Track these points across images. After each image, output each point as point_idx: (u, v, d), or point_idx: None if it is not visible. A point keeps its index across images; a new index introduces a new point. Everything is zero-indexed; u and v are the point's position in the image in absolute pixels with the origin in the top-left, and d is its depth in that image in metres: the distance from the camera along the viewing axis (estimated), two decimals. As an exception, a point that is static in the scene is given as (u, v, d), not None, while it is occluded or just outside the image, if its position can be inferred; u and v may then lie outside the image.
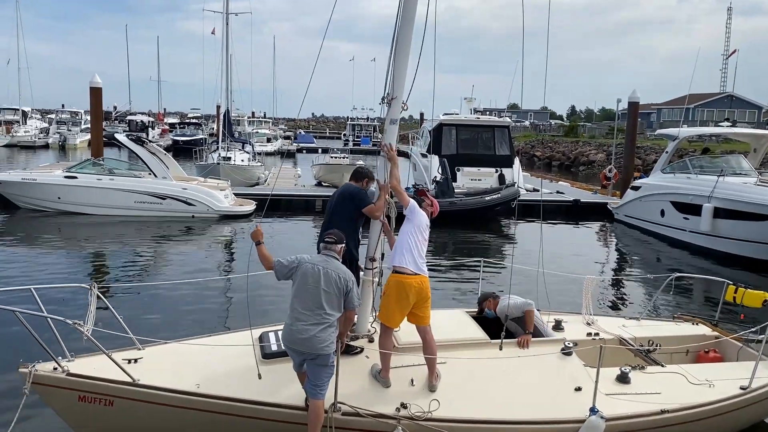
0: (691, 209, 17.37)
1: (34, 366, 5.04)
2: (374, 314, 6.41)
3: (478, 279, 8.92)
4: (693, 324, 7.90)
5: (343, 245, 5.55)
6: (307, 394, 5.23)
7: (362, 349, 6.06)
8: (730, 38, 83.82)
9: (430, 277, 6.06)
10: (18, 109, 57.74)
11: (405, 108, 6.13)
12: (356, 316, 5.87)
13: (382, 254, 6.34)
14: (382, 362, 5.76)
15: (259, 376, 5.49)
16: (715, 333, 7.58)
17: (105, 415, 5.23)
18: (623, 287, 13.64)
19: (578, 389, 5.82)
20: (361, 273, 6.24)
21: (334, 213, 6.25)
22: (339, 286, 5.20)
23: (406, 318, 5.88)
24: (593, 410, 5.42)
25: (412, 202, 6.01)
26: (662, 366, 6.55)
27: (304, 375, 5.33)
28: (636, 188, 20.91)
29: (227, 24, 31.07)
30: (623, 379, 6.08)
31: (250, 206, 20.84)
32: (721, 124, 22.64)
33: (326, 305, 5.14)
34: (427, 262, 6.03)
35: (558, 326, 7.08)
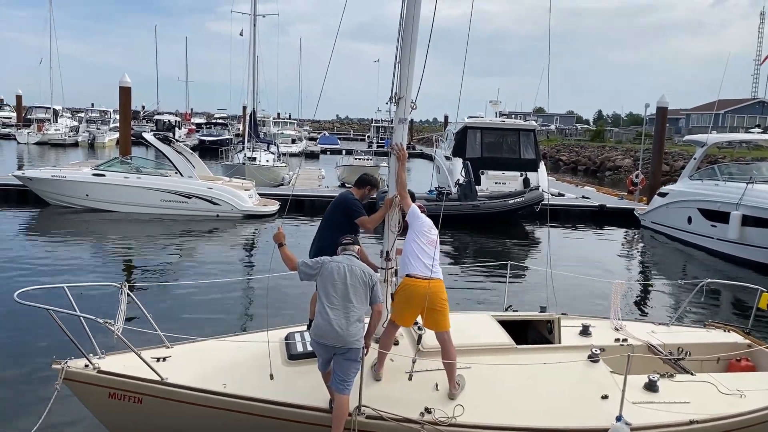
0: (719, 216, 17.11)
1: (66, 363, 5.14)
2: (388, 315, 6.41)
3: (504, 282, 8.86)
4: (725, 332, 7.73)
5: (359, 246, 5.71)
6: (334, 390, 5.27)
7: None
8: (762, 43, 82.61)
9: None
10: (49, 108, 58.64)
11: (414, 107, 6.10)
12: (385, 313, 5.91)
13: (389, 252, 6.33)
14: (379, 356, 5.78)
15: (271, 377, 5.50)
16: (748, 341, 7.42)
17: (134, 411, 5.30)
18: (652, 293, 13.46)
19: (605, 397, 5.75)
20: (378, 274, 6.28)
21: (327, 221, 6.34)
22: (364, 280, 5.36)
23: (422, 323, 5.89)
24: (619, 419, 5.36)
25: (413, 206, 6.02)
26: (692, 374, 6.42)
27: (329, 375, 5.37)
28: (663, 194, 20.67)
29: (254, 25, 31.28)
30: (651, 387, 5.98)
31: (274, 206, 20.98)
32: (751, 130, 22.26)
33: (354, 299, 5.26)
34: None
35: (585, 331, 6.98)
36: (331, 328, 5.15)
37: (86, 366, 5.21)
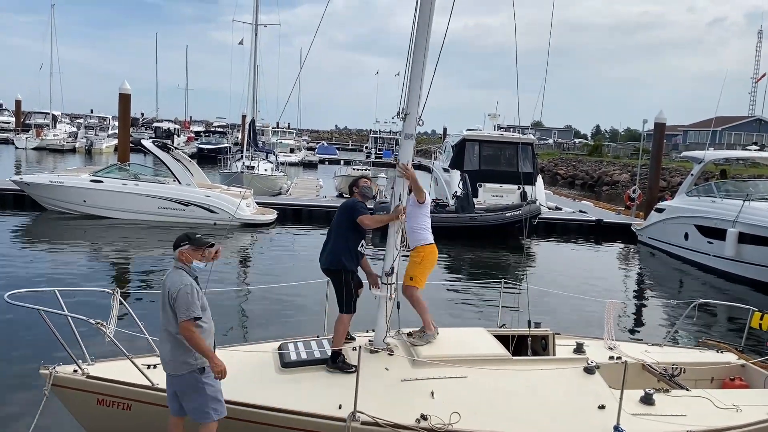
0: (716, 233, 17.12)
1: (54, 368, 5.08)
2: (389, 332, 6.39)
3: (498, 297, 8.83)
4: (718, 351, 7.74)
5: (181, 248, 4.96)
6: (198, 422, 4.89)
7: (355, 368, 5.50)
8: (759, 61, 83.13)
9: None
10: (48, 113, 58.73)
11: (421, 123, 6.19)
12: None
13: (392, 268, 6.30)
14: (425, 319, 6.39)
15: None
16: (741, 361, 7.42)
17: (122, 419, 5.24)
18: (645, 312, 13.41)
19: (602, 407, 5.73)
20: (378, 291, 6.28)
21: (334, 225, 6.38)
22: (165, 297, 4.84)
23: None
24: (617, 428, 5.35)
25: (428, 196, 6.69)
26: (687, 390, 6.44)
27: (173, 425, 5.04)
28: (660, 210, 20.69)
29: (256, 35, 31.42)
30: (647, 400, 5.98)
31: (271, 215, 20.95)
32: (748, 147, 22.26)
33: (165, 322, 4.85)
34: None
35: (579, 349, 6.95)
36: (162, 356, 4.92)
37: (75, 371, 5.16)
